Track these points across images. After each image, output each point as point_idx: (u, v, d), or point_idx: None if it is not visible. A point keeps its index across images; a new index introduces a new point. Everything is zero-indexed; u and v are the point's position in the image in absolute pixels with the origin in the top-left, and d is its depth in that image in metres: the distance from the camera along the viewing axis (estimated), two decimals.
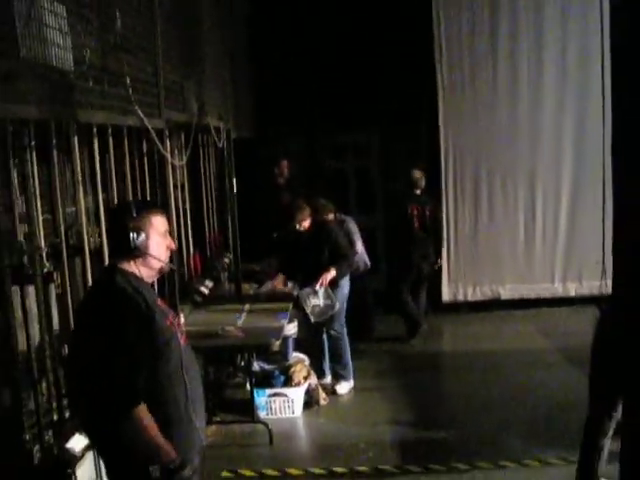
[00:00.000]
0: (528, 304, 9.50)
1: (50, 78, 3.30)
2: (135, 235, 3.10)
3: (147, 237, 3.14)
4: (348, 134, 10.05)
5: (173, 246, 3.32)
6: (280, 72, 9.43)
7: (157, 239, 3.20)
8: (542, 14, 9.05)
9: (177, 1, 5.63)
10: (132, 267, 3.16)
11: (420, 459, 5.50)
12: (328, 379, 7.16)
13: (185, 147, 6.20)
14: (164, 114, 4.69)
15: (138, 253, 3.14)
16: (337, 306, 6.79)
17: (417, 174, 8.55)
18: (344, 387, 7.05)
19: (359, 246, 7.54)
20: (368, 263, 7.77)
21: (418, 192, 8.59)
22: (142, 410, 2.95)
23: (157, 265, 3.22)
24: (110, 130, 4.44)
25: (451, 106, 9.29)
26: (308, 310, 6.75)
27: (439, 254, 8.97)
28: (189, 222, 6.61)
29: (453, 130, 9.34)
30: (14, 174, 3.26)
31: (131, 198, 4.69)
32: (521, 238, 9.51)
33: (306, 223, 6.87)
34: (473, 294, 9.60)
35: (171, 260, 4.34)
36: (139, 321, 3.00)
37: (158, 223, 3.22)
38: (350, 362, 7.08)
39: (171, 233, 4.58)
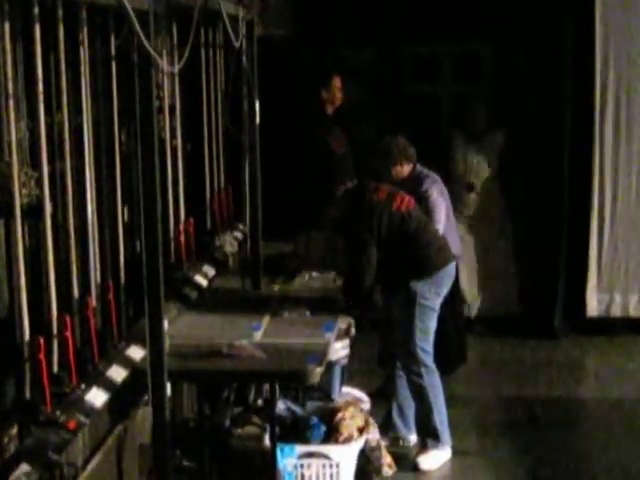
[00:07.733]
0: None
1: None
2: None
3: None
4: (444, 42, 7.02)
5: None
6: None
7: None
8: None
9: None
10: None
11: None
12: (412, 438, 4.77)
13: (179, 46, 4.52)
14: None
15: None
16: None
17: None
18: (433, 459, 4.50)
19: (441, 228, 4.97)
20: (458, 250, 5.18)
21: None
22: None
23: None
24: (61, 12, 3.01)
25: None
26: None
27: None
28: (180, 170, 4.63)
29: (616, 29, 6.30)
30: None
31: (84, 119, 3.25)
32: None
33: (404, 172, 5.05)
34: (637, 307, 6.61)
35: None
36: None
37: None
38: (445, 418, 4.55)
39: None
